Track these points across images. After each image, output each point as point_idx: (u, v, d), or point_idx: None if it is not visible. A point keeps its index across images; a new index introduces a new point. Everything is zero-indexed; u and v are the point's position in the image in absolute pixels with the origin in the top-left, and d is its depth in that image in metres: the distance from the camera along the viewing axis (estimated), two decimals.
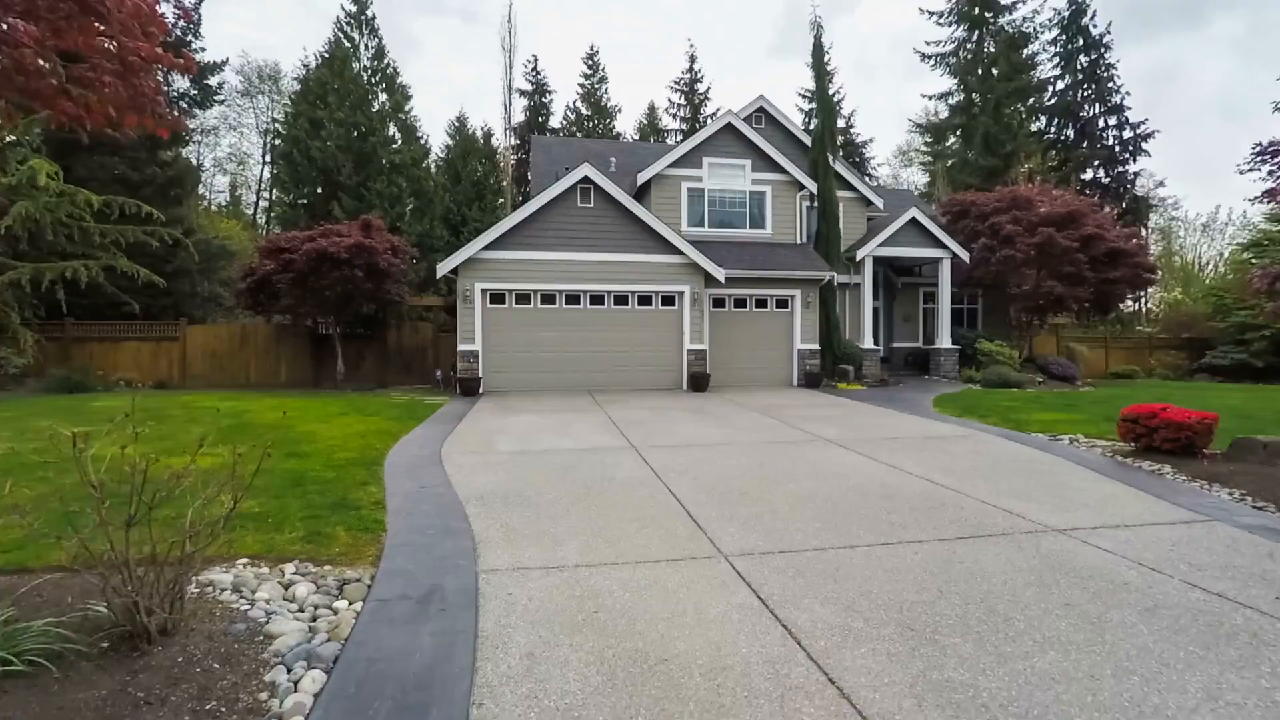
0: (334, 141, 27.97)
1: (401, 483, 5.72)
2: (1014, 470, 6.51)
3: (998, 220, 17.53)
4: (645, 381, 14.28)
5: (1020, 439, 8.26)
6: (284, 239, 13.67)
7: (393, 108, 31.82)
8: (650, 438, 8.16)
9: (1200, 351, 23.41)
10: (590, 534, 4.41)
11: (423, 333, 16.93)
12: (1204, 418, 6.76)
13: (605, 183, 14.03)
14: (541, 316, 14.06)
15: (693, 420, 9.72)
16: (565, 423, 9.41)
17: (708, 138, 16.32)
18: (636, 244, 14.23)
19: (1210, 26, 52.04)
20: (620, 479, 6.00)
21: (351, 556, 3.83)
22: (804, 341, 15.52)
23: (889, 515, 4.90)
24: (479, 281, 13.65)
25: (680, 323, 14.47)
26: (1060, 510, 5.07)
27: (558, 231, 13.95)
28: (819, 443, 7.92)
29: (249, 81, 34.19)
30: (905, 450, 7.44)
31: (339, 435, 7.79)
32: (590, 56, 44.50)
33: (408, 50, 52.20)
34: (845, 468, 6.53)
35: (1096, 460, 7.02)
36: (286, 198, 29.22)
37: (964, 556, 4.01)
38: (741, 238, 16.38)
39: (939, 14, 35.29)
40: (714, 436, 8.32)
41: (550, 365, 14.01)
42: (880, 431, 8.83)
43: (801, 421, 9.56)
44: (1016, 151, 31.28)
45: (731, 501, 5.27)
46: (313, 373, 15.72)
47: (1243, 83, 53.40)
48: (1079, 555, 4.02)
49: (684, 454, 7.17)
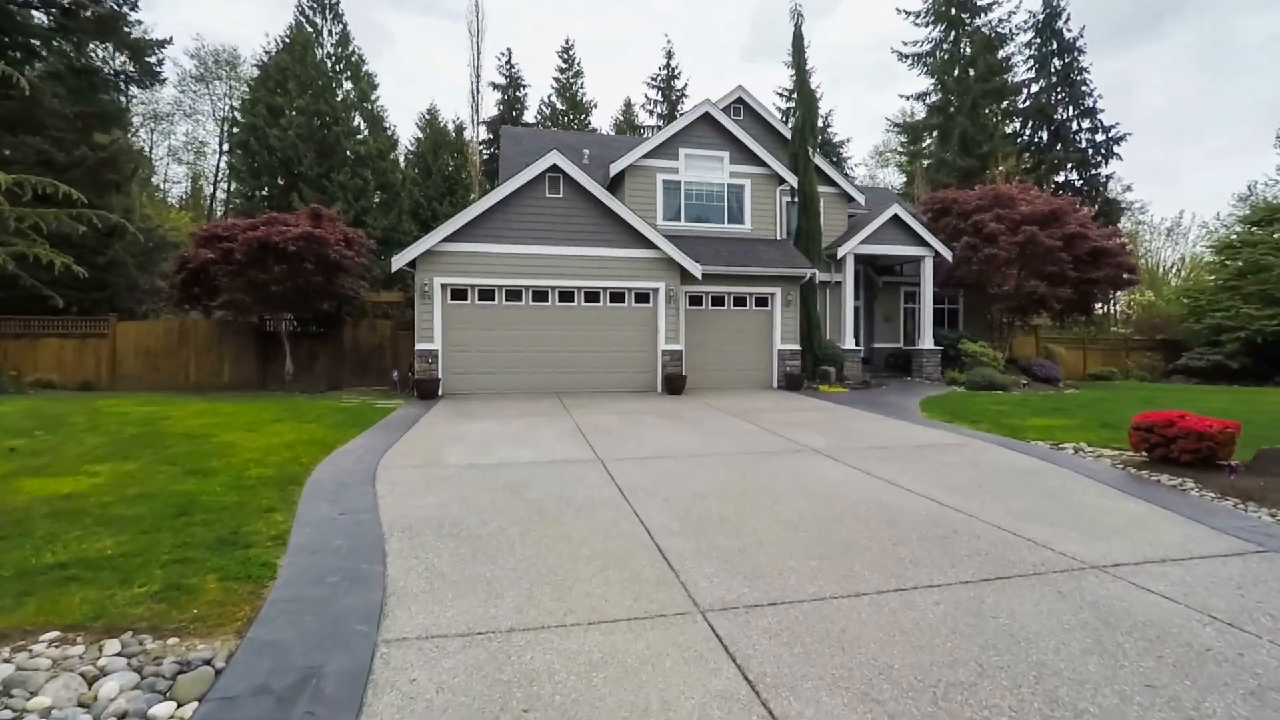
0: (294, 130, 26.54)
1: (318, 508, 4.78)
2: (1022, 485, 5.82)
3: (980, 218, 17.09)
4: (618, 384, 13.44)
5: (1019, 448, 7.61)
6: (222, 227, 12.49)
7: (358, 97, 30.44)
8: (619, 448, 7.32)
9: (1175, 353, 23.42)
10: (536, 579, 3.55)
11: (381, 330, 15.82)
12: (1226, 426, 6.16)
13: (575, 172, 13.14)
14: (507, 314, 13.12)
15: (667, 427, 8.90)
16: (527, 430, 8.51)
17: (684, 127, 15.54)
18: (608, 238, 13.38)
19: (1169, 39, 53.26)
20: (581, 500, 5.14)
21: (213, 621, 2.91)
22: (784, 342, 14.84)
23: (895, 548, 4.13)
24: (439, 276, 12.65)
25: (655, 322, 13.65)
26: (1090, 538, 4.36)
27: (524, 224, 13.02)
28: (805, 453, 7.16)
29: (204, 66, 32.44)
30: (899, 462, 6.72)
31: (262, 447, 6.78)
32: (565, 50, 43.51)
33: (380, 43, 50.60)
34: (837, 483, 5.77)
35: (1109, 473, 6.38)
36: (244, 189, 27.64)
37: (997, 607, 3.24)
38: (719, 233, 15.63)
39: (916, 14, 35.17)
40: (689, 446, 7.51)
41: (516, 366, 13.08)
42: (869, 439, 8.12)
43: (784, 428, 8.81)
44: (993, 152, 31.18)
45: (709, 529, 4.45)
46: (259, 373, 14.52)
47: (1199, 93, 54.88)
48: (1135, 605, 3.29)
49: (656, 467, 6.34)
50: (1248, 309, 20.95)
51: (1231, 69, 54.14)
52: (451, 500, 5.07)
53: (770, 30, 59.57)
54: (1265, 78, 52.68)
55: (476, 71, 31.67)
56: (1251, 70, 53.19)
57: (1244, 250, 22.23)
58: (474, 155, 32.30)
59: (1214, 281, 24.10)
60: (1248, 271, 21.65)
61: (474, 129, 33.17)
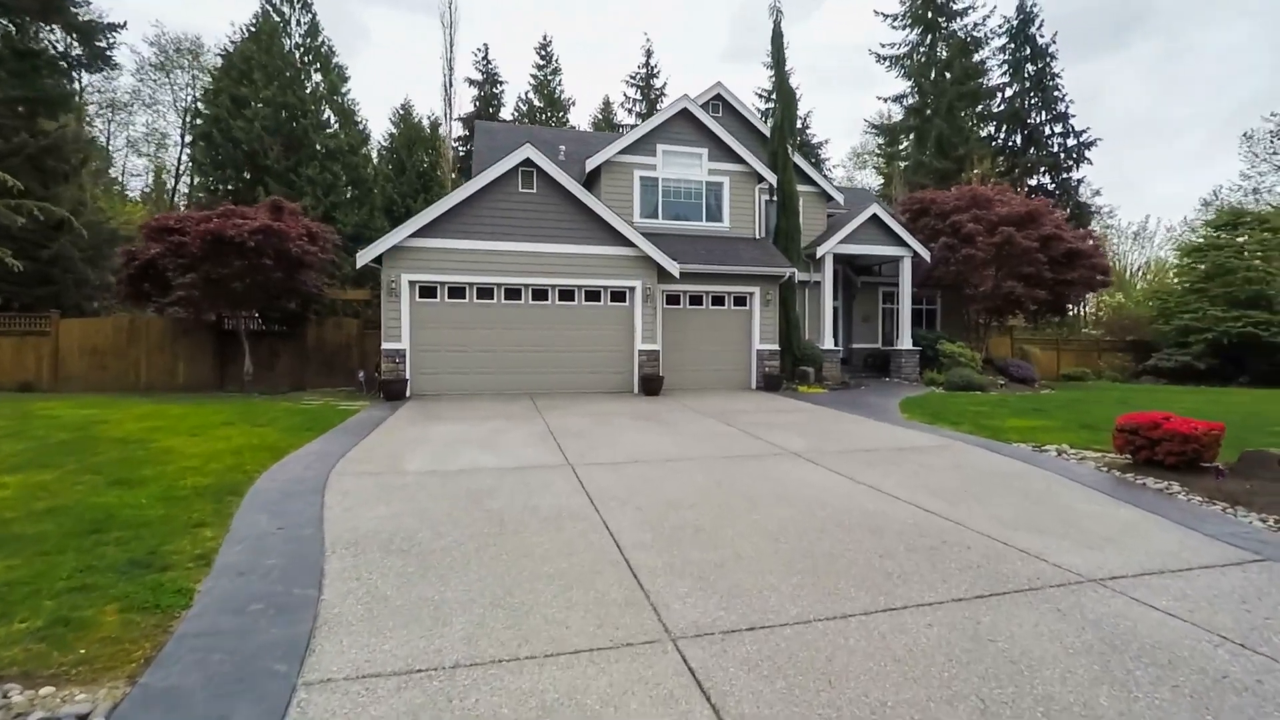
0: (260, 122, 25.65)
1: (255, 522, 4.34)
2: (1008, 490, 5.62)
3: (958, 219, 17.10)
4: (593, 384, 13.07)
5: (1002, 450, 7.44)
6: (173, 218, 11.81)
7: (328, 89, 29.55)
8: (590, 452, 6.97)
9: (1144, 354, 23.81)
10: (490, 602, 3.19)
11: (348, 329, 15.22)
12: (1211, 428, 6.03)
13: (549, 166, 12.75)
14: (477, 313, 12.67)
15: (642, 429, 8.57)
16: (495, 433, 8.11)
17: (662, 123, 15.23)
18: (584, 235, 13.01)
19: (1132, 49, 54.70)
20: (547, 510, 4.78)
21: (101, 664, 2.49)
22: (763, 342, 14.62)
23: (882, 560, 3.85)
24: (406, 273, 12.16)
25: (631, 321, 13.32)
26: (1083, 547, 4.14)
27: (496, 219, 12.59)
28: (785, 456, 6.89)
29: (165, 54, 31.21)
30: (882, 465, 6.49)
31: (204, 453, 6.29)
32: (543, 47, 43.03)
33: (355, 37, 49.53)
34: (818, 489, 5.50)
35: (1093, 476, 6.22)
36: (207, 182, 26.61)
37: (994, 629, 2.97)
38: (697, 231, 15.36)
39: (893, 16, 35.40)
40: (665, 449, 7.19)
41: (487, 366, 12.64)
42: (850, 441, 7.89)
43: (763, 430, 8.55)
44: (969, 155, 31.50)
45: (683, 542, 4.13)
46: (217, 373, 13.83)
47: (1162, 101, 56.62)
48: (1140, 624, 3.05)
49: (628, 473, 6.00)
50: (1214, 311, 21.37)
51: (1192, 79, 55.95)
52: (406, 511, 4.67)
53: (750, 33, 59.73)
54: (1222, 88, 54.75)
55: (449, 64, 31.08)
56: (1210, 81, 55.18)
57: (1210, 253, 22.68)
58: (448, 151, 31.63)
59: (1181, 284, 24.58)
60: (1214, 274, 22.10)
61: (448, 124, 32.51)
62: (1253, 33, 52.26)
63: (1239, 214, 22.87)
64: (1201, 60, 54.70)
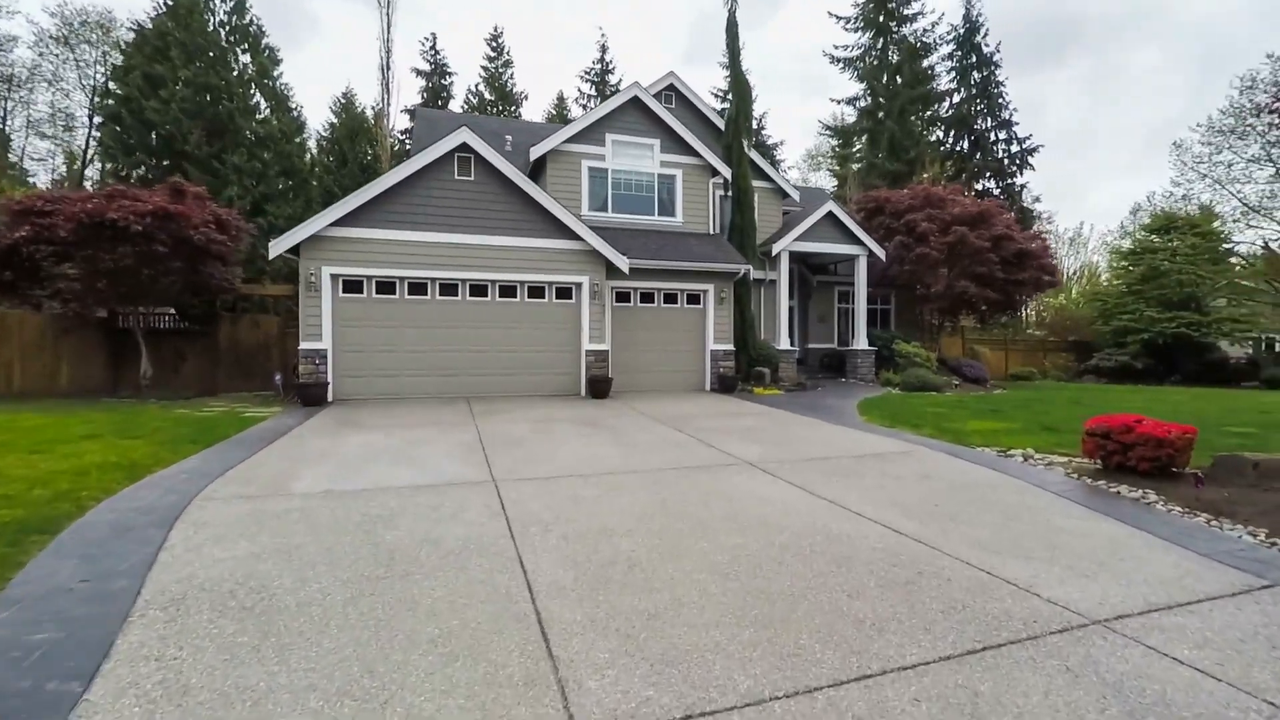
0: (178, 104, 23.63)
1: (53, 572, 3.35)
2: (980, 503, 5.08)
3: (913, 218, 16.95)
4: (536, 387, 12.20)
5: (967, 456, 6.97)
6: (44, 199, 10.29)
7: (257, 72, 27.57)
8: (522, 465, 6.14)
9: (1086, 353, 24.44)
10: (338, 690, 2.35)
11: (267, 328, 13.87)
12: (1184, 432, 5.66)
13: (488, 152, 11.81)
14: (410, 310, 11.62)
15: (584, 437, 7.78)
16: (416, 443, 7.18)
17: (612, 111, 14.47)
18: (526, 227, 12.12)
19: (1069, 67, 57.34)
20: (452, 542, 3.94)
21: None
22: (717, 341, 14.03)
23: (851, 602, 3.18)
24: (328, 265, 11.02)
25: (578, 319, 12.50)
26: (1076, 575, 3.57)
27: (430, 208, 11.58)
28: (739, 467, 6.22)
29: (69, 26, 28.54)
30: (844, 476, 5.89)
31: (35, 475, 5.17)
32: (494, 38, 41.78)
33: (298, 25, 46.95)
34: (776, 507, 4.83)
35: (1065, 484, 5.77)
36: (116, 168, 24.34)
37: (997, 702, 2.32)
38: (649, 225, 14.66)
39: (846, 19, 35.68)
40: (606, 461, 6.42)
41: (420, 368, 11.61)
42: (809, 448, 7.29)
43: (717, 436, 7.88)
44: (920, 157, 31.94)
45: (612, 583, 3.37)
46: (110, 377, 12.28)
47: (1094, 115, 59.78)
48: (1169, 688, 2.45)
49: (561, 491, 5.21)
50: (1150, 312, 22.05)
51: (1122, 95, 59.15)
52: (272, 549, 3.75)
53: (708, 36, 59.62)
54: (1149, 104, 58.23)
55: (387, 46, 29.51)
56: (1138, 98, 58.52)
57: (1145, 256, 23.43)
58: (386, 140, 30.09)
59: (1118, 286, 25.37)
60: (1149, 277, 22.82)
61: (387, 110, 30.94)
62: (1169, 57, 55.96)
63: (1172, 218, 23.74)
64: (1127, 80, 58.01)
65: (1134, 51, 57.59)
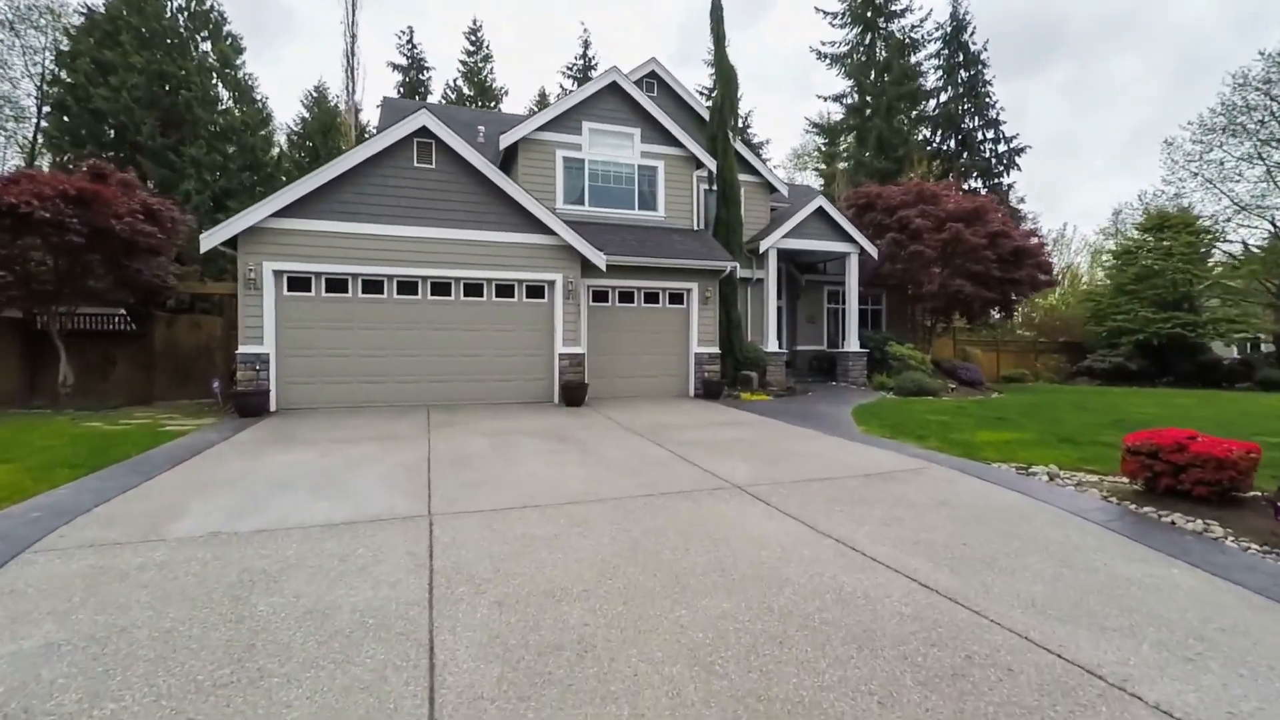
0: (130, 92, 22.25)
1: None
2: (1018, 541, 4.19)
3: (906, 214, 16.20)
4: (505, 394, 11.19)
5: (986, 475, 6.11)
6: None
7: (219, 60, 26.21)
8: (469, 492, 5.15)
9: (1078, 354, 23.93)
10: None
11: (209, 328, 12.70)
12: (1248, 450, 4.83)
13: (450, 137, 10.78)
14: (365, 310, 10.56)
15: (549, 454, 6.80)
16: (354, 464, 6.16)
17: (590, 97, 13.50)
18: (494, 219, 11.12)
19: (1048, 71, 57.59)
20: (346, 615, 2.95)
21: None
22: (702, 344, 13.11)
23: (884, 713, 2.25)
24: (271, 260, 9.93)
25: (551, 320, 11.51)
26: (1176, 659, 2.68)
27: (386, 198, 10.54)
28: (726, 492, 5.29)
29: (14, 9, 26.91)
30: (850, 504, 4.98)
31: None
32: (473, 32, 40.71)
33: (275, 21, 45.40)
34: (771, 552, 3.90)
35: (1107, 512, 4.91)
36: (63, 160, 22.87)
37: None
38: (629, 220, 13.72)
39: (834, 15, 35.07)
40: (570, 486, 5.45)
41: (377, 374, 10.56)
42: (805, 466, 6.38)
43: (700, 452, 6.95)
44: (908, 155, 31.36)
45: (553, 686, 2.40)
46: (24, 383, 11.03)
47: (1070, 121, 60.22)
48: None
49: (508, 529, 4.23)
50: (1145, 312, 21.54)
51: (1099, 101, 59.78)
52: (81, 637, 2.73)
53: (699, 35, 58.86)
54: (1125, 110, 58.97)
55: (352, 31, 28.35)
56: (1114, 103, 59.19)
57: (1139, 255, 22.95)
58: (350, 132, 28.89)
59: (1110, 286, 24.90)
60: (1144, 276, 22.33)
61: (350, 98, 29.79)
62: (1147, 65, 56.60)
63: (1165, 217, 23.30)
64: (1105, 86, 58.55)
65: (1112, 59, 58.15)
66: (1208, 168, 24.52)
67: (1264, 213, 23.66)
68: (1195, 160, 24.85)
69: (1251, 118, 23.31)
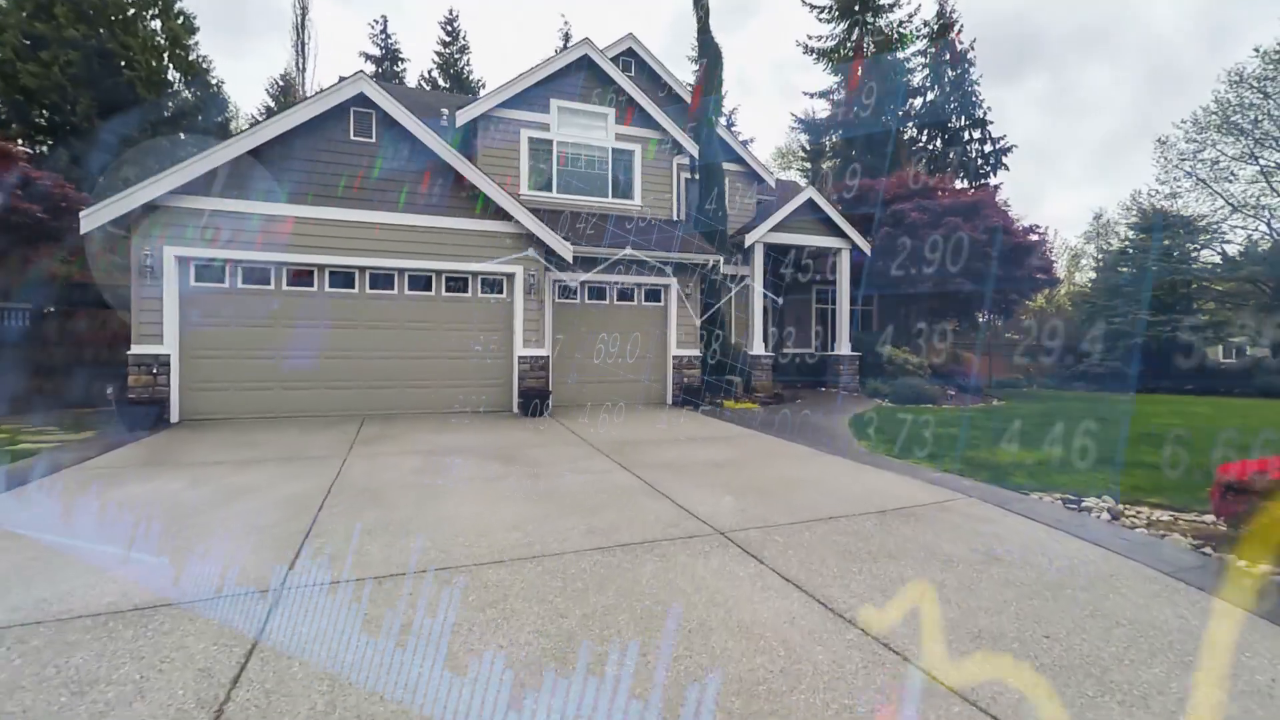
0: (63, 69, 20.43)
1: None
2: (1120, 628, 2.93)
3: (901, 207, 15.08)
4: (456, 401, 9.79)
5: (1028, 512, 4.87)
6: None
7: (169, 40, 24.41)
8: (360, 546, 3.78)
9: (1071, 358, 23.09)
10: None
11: (113, 326, 11.11)
12: None
13: (394, 108, 9.37)
14: (291, 304, 9.11)
15: (485, 483, 5.43)
16: (228, 498, 4.75)
17: (558, 72, 12.16)
18: (446, 203, 9.74)
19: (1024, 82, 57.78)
20: None
21: None
22: (681, 346, 11.82)
23: None
24: (173, 245, 8.43)
25: (510, 318, 10.14)
26: None
27: (317, 176, 9.10)
28: (706, 541, 3.98)
29: None
30: (870, 561, 3.69)
31: None
32: (449, 22, 39.23)
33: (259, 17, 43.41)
34: (769, 663, 2.58)
35: (1211, 572, 3.69)
36: None
37: None
38: (601, 208, 12.40)
39: (821, 8, 34.17)
40: (501, 535, 4.09)
41: (304, 378, 9.10)
42: (805, 499, 5.09)
43: (674, 479, 5.63)
44: (896, 152, 30.45)
45: None
46: None
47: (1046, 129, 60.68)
48: None
49: (388, 618, 2.87)
50: (1141, 315, 20.75)
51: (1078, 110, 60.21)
52: None
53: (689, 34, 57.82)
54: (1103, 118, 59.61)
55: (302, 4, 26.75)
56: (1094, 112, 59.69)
57: (1135, 255, 22.19)
58: None
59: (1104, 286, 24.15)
60: (1140, 278, 21.55)
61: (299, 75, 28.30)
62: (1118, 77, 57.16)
63: (1164, 216, 22.59)
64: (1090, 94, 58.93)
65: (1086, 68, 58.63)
66: (1201, 167, 23.90)
67: (1259, 213, 23.07)
68: (1189, 159, 24.23)
69: (1246, 116, 22.70)
